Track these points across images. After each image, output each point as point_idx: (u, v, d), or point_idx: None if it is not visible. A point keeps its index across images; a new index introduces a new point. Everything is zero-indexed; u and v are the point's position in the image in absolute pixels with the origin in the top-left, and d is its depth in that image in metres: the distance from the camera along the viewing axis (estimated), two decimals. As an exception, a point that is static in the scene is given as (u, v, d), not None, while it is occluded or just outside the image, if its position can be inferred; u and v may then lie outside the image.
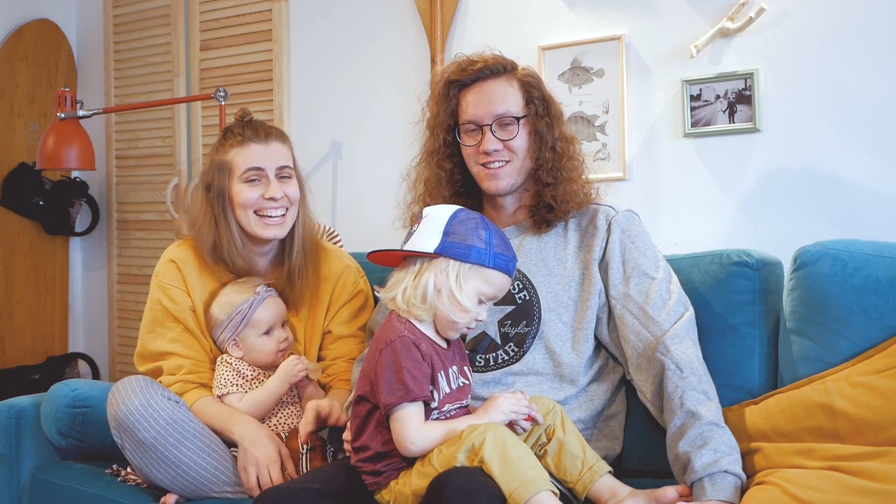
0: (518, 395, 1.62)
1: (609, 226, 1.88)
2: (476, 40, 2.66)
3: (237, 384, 1.99)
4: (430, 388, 1.58)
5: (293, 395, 2.04)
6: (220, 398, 1.99)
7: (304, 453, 1.89)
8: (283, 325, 2.07)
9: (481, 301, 1.64)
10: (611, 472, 1.65)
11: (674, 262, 1.98)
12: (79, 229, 3.81)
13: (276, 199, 2.01)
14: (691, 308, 1.83)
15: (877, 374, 1.65)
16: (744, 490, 1.60)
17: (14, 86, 3.66)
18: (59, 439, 2.16)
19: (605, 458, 1.74)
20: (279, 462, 1.88)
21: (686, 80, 2.41)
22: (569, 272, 1.88)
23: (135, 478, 1.99)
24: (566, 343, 1.84)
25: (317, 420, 1.89)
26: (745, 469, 1.64)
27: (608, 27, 2.55)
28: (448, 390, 1.62)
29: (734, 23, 2.33)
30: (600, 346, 1.89)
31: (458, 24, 2.83)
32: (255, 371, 2.02)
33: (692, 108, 2.41)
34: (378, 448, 1.60)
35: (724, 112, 2.37)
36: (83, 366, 3.82)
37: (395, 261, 1.70)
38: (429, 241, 1.61)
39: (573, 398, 1.83)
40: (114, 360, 3.77)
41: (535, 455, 1.56)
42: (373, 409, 1.62)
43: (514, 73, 1.93)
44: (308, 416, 1.89)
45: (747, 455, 1.71)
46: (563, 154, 1.91)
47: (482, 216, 1.67)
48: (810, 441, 1.65)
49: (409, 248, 1.65)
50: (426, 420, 1.57)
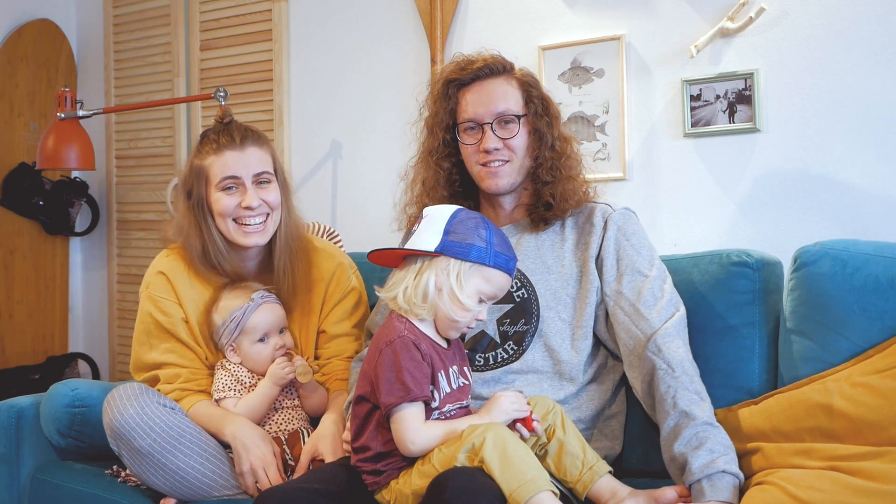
0: (519, 395, 1.62)
1: (605, 223, 1.88)
2: (476, 40, 2.66)
3: (235, 389, 1.99)
4: (431, 388, 1.58)
5: (293, 397, 2.04)
6: (218, 402, 1.99)
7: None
8: (282, 332, 2.05)
9: (482, 300, 1.64)
10: (611, 472, 1.65)
11: (673, 262, 1.98)
12: (79, 229, 3.81)
13: (253, 207, 1.98)
14: (683, 308, 1.83)
15: (877, 374, 1.65)
16: (742, 489, 1.60)
17: (14, 86, 3.66)
18: (59, 439, 2.16)
19: (605, 458, 1.74)
20: (275, 462, 1.88)
21: (686, 80, 2.41)
22: (567, 270, 1.88)
23: (135, 479, 1.99)
24: (565, 341, 1.84)
25: (311, 462, 1.90)
26: (744, 469, 1.64)
27: (608, 27, 2.55)
28: (448, 390, 1.62)
29: (734, 23, 2.33)
30: (599, 343, 1.89)
31: (458, 24, 2.83)
32: (253, 378, 2.01)
33: (692, 108, 2.41)
34: (379, 448, 1.60)
35: (724, 112, 2.37)
36: (83, 366, 3.81)
37: (395, 260, 1.70)
38: (429, 240, 1.62)
39: (573, 397, 1.83)
40: (114, 360, 3.77)
41: (536, 455, 1.56)
42: (373, 409, 1.62)
43: (513, 72, 1.94)
44: (303, 461, 1.90)
45: (747, 455, 1.71)
46: (562, 153, 1.92)
47: (482, 216, 1.68)
48: (810, 441, 1.65)
49: (410, 247, 1.65)
50: (427, 420, 1.57)
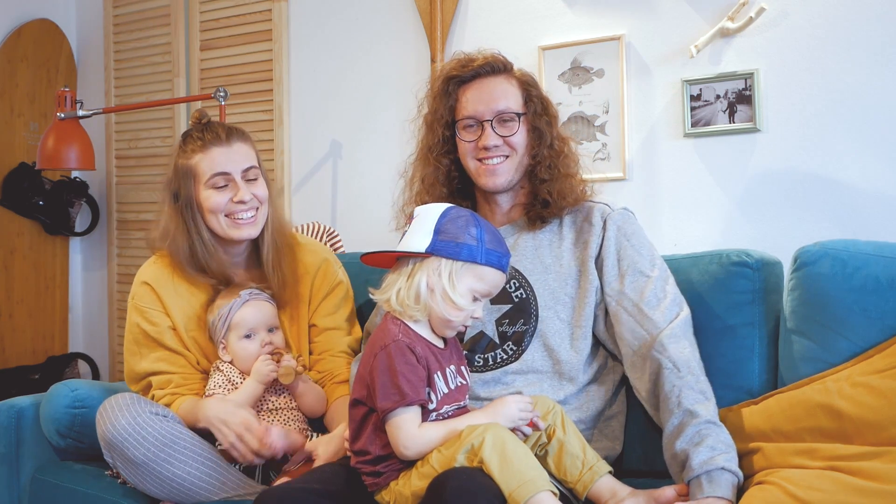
0: (527, 401, 1.62)
1: (605, 223, 1.88)
2: (476, 40, 2.66)
3: (225, 388, 1.99)
4: (427, 391, 1.57)
5: (289, 398, 2.03)
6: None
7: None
8: (272, 331, 2.04)
9: (476, 298, 1.63)
10: (611, 472, 1.65)
11: (673, 262, 1.98)
12: (79, 229, 3.81)
13: (245, 201, 2.01)
14: (686, 307, 1.83)
15: (877, 374, 1.65)
16: (741, 489, 1.60)
17: (14, 86, 3.66)
18: (59, 440, 2.16)
19: (605, 458, 1.73)
20: (254, 420, 1.88)
21: (686, 80, 2.41)
22: (565, 269, 1.88)
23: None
24: (564, 340, 1.84)
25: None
26: (744, 469, 1.64)
27: (608, 27, 2.55)
28: (446, 391, 1.61)
29: (734, 23, 2.33)
30: (599, 343, 1.89)
31: (458, 24, 2.83)
32: (244, 379, 2.00)
33: (692, 108, 2.41)
34: (377, 452, 1.60)
35: (724, 112, 2.37)
36: (83, 366, 3.82)
37: (389, 262, 1.69)
38: (420, 240, 1.61)
39: (573, 397, 1.83)
40: (114, 360, 3.77)
41: (536, 455, 1.56)
42: (369, 413, 1.61)
43: (513, 72, 1.95)
44: (296, 458, 1.90)
45: (747, 455, 1.71)
46: (560, 152, 1.92)
47: (473, 213, 1.66)
48: (810, 441, 1.65)
49: (401, 248, 1.64)
50: (425, 422, 1.57)
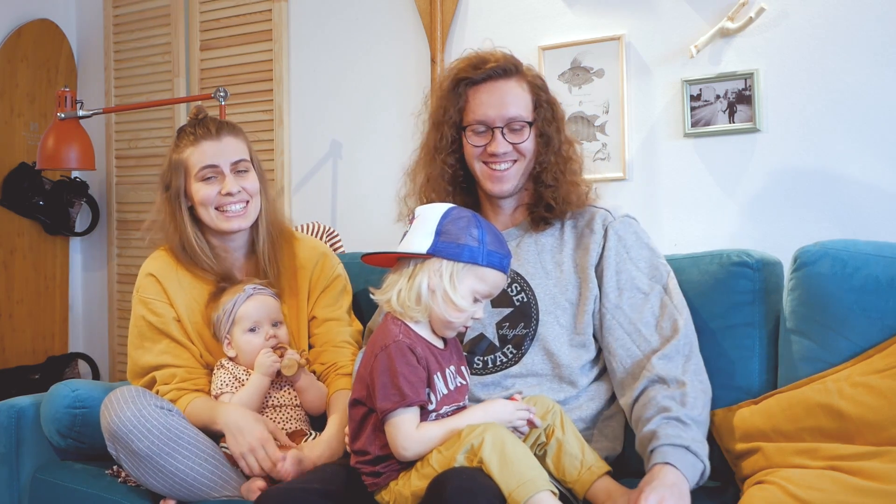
0: (517, 404, 1.61)
1: (606, 231, 1.87)
2: (476, 40, 2.65)
3: (232, 385, 2.00)
4: (427, 391, 1.57)
5: (292, 395, 2.04)
6: (216, 399, 1.99)
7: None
8: (276, 326, 2.05)
9: (477, 299, 1.62)
10: (610, 472, 1.65)
11: (673, 262, 1.97)
12: (79, 229, 3.81)
13: (233, 193, 2.04)
14: (683, 328, 1.78)
15: (877, 374, 1.65)
16: (741, 489, 1.60)
17: (14, 86, 3.66)
18: (59, 440, 2.16)
19: (605, 458, 1.73)
20: (271, 438, 1.88)
21: (686, 80, 2.41)
22: (565, 276, 1.87)
23: (134, 479, 1.99)
24: (564, 345, 1.83)
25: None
26: (744, 469, 1.64)
27: (608, 27, 2.55)
28: (445, 391, 1.61)
29: (734, 23, 2.33)
30: (598, 348, 1.87)
31: (458, 24, 2.83)
32: (249, 375, 2.00)
33: (692, 108, 2.41)
34: (377, 452, 1.60)
35: (724, 112, 2.37)
36: (83, 366, 3.82)
37: (391, 261, 1.69)
38: (421, 241, 1.60)
39: (573, 398, 1.82)
40: (114, 361, 3.77)
41: (535, 455, 1.56)
42: (368, 413, 1.61)
43: (524, 75, 1.92)
44: (289, 460, 1.87)
45: (747, 455, 1.72)
46: (568, 157, 1.91)
47: (474, 213, 1.65)
48: (810, 441, 1.65)
49: (402, 248, 1.63)
50: (424, 422, 1.57)
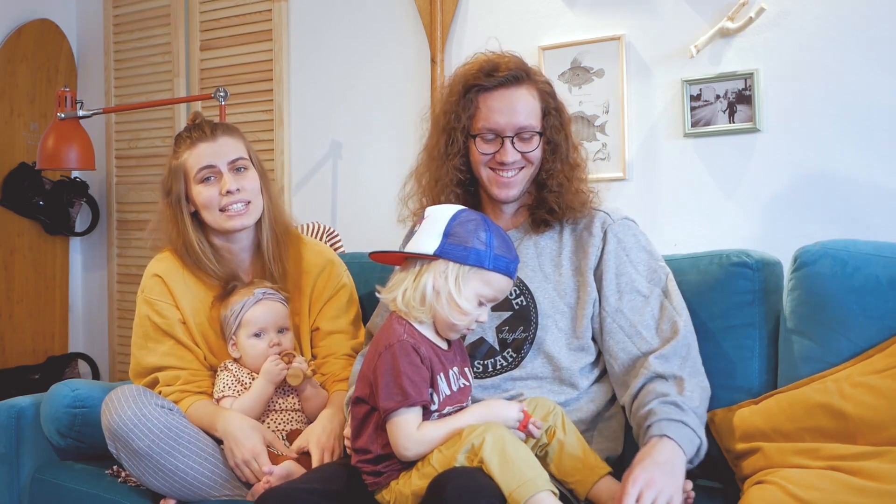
0: (517, 404, 1.61)
1: (605, 234, 1.87)
2: (476, 40, 2.66)
3: (234, 388, 2.00)
4: (430, 391, 1.57)
5: (294, 400, 2.04)
6: (217, 402, 2.00)
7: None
8: (282, 332, 2.05)
9: (481, 303, 1.62)
10: (611, 472, 1.65)
11: (673, 262, 1.97)
12: (79, 229, 3.81)
13: (232, 191, 2.04)
14: (683, 330, 1.78)
15: (877, 374, 1.65)
16: (740, 489, 1.60)
17: (14, 86, 3.66)
18: (59, 439, 2.16)
19: (606, 459, 1.72)
20: (265, 452, 1.88)
21: (686, 80, 2.41)
22: (564, 280, 1.87)
23: (134, 479, 1.99)
24: (563, 349, 1.83)
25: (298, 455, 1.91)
26: (744, 469, 1.64)
27: (608, 27, 2.55)
28: (448, 392, 1.61)
29: (734, 23, 2.33)
30: (598, 351, 1.87)
31: (458, 24, 2.83)
32: (253, 379, 2.01)
33: (692, 108, 2.41)
34: (378, 451, 1.60)
35: (724, 112, 2.37)
36: (83, 366, 3.82)
37: (398, 259, 1.69)
38: (429, 242, 1.60)
39: (574, 400, 1.82)
40: (114, 360, 3.77)
41: (536, 455, 1.56)
42: (371, 411, 1.61)
43: (534, 81, 1.89)
44: (291, 452, 1.92)
45: (747, 455, 1.71)
46: (575, 165, 1.90)
47: (484, 216, 1.65)
48: (810, 441, 1.65)
49: (410, 248, 1.63)
50: (425, 422, 1.56)
